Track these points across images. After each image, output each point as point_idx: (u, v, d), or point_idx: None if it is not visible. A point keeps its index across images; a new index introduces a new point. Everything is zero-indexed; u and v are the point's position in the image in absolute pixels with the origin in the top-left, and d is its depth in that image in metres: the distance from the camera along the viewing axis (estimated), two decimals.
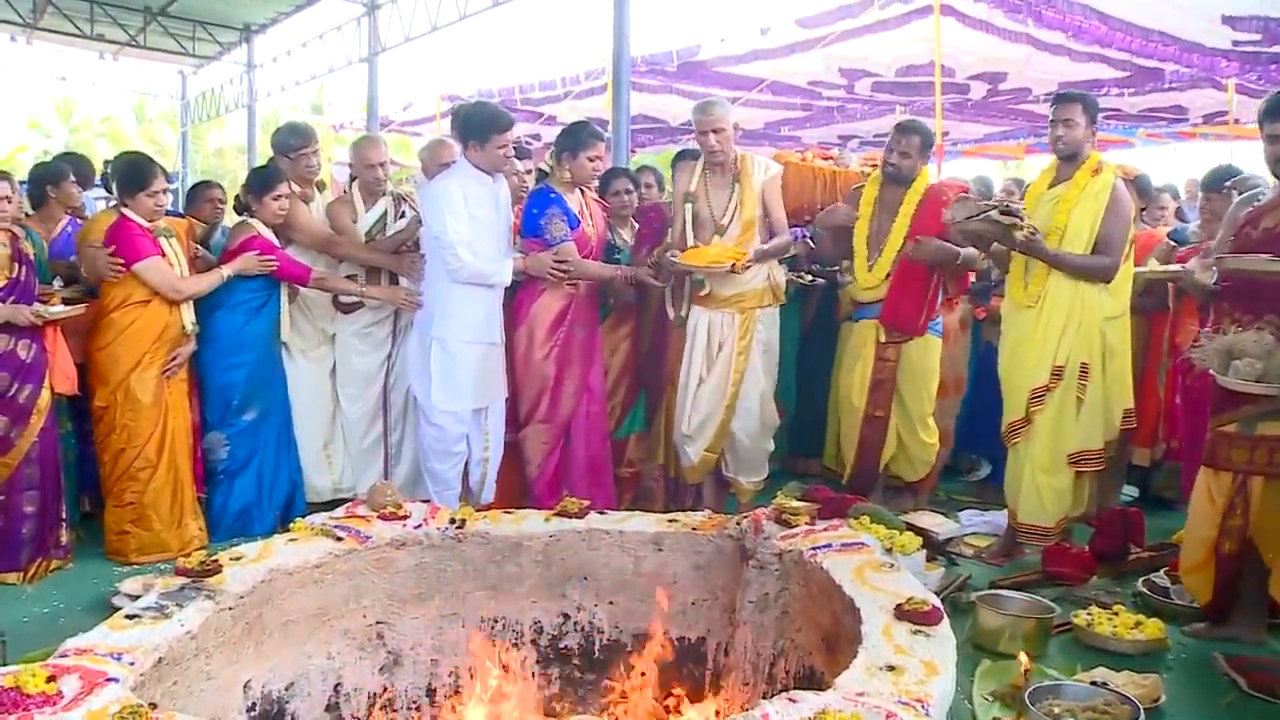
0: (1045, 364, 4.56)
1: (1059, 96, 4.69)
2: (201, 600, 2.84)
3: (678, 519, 3.80)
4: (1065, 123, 4.53)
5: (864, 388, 5.20)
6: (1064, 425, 4.59)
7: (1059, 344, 4.54)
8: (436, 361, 4.76)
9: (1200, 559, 3.89)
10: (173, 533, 4.77)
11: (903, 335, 5.13)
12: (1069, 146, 4.56)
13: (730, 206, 5.03)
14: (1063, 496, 4.66)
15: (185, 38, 16.62)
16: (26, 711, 2.09)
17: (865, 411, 5.20)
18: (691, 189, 5.08)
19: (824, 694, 2.29)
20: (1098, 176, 4.54)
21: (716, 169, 5.06)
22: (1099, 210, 4.50)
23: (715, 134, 4.94)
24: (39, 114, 31.17)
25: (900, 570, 3.13)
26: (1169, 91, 10.88)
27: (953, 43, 9.29)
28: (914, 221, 5.06)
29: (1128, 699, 3.00)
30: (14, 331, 4.40)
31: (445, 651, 3.59)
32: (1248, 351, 3.53)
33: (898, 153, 5.09)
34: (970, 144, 15.41)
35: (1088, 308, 4.53)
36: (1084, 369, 4.55)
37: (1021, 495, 4.70)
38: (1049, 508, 4.65)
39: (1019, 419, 4.66)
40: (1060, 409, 4.58)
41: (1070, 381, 4.56)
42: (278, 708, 3.14)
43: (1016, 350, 4.68)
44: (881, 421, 5.21)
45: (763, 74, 11.20)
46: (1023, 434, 4.66)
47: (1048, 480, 4.64)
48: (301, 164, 5.39)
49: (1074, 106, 4.55)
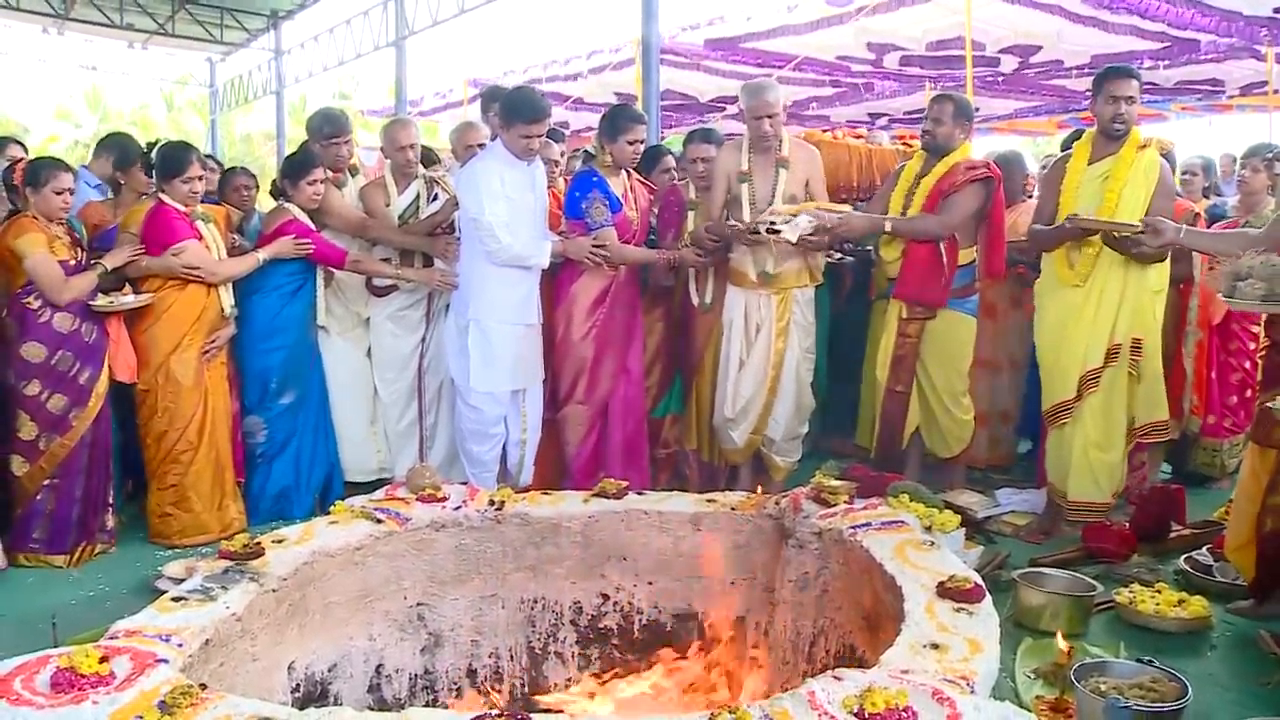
0: (1100, 344, 4.52)
1: (1113, 71, 4.62)
2: (245, 583, 2.87)
3: (716, 499, 3.80)
4: (1128, 99, 4.46)
5: (886, 363, 5.18)
6: (1118, 401, 4.56)
7: (1114, 323, 4.49)
8: (474, 343, 4.76)
9: (1244, 536, 3.85)
10: (214, 515, 4.83)
11: (924, 311, 5.08)
12: (1128, 124, 4.50)
13: (776, 189, 4.99)
14: (1115, 471, 4.63)
15: (213, 25, 16.70)
16: (82, 691, 2.13)
17: (886, 386, 5.19)
18: (745, 168, 5.04)
19: (869, 672, 2.29)
20: (1144, 152, 4.49)
21: (764, 151, 5.03)
22: (1150, 187, 4.45)
23: (769, 119, 4.91)
24: (69, 104, 31.37)
25: (941, 548, 3.12)
26: (1206, 63, 10.71)
27: (983, 15, 9.18)
28: (929, 195, 5.00)
29: (1175, 676, 2.98)
30: (80, 314, 4.48)
31: (485, 633, 3.61)
32: (1254, 273, 3.51)
33: (930, 120, 5.06)
34: (1000, 119, 15.24)
35: (1140, 284, 4.49)
36: (1136, 344, 4.52)
37: (1072, 473, 4.64)
38: (1103, 484, 4.61)
39: (1068, 399, 4.61)
40: (1113, 386, 4.54)
41: (1124, 358, 4.52)
42: (321, 689, 3.17)
43: (1063, 330, 4.62)
44: (902, 396, 5.17)
45: (790, 49, 11.11)
46: (1071, 414, 4.62)
47: (1101, 456, 4.60)
48: (331, 152, 5.40)
49: (1132, 83, 4.49)
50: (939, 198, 4.96)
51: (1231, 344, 5.56)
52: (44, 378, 4.42)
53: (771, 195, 5.00)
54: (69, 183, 4.49)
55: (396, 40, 14.53)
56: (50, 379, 4.43)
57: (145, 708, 2.08)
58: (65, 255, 4.47)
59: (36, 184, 4.40)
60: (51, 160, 4.65)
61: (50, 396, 4.43)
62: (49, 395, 4.43)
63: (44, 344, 4.41)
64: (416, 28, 14.21)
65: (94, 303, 4.51)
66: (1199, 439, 5.69)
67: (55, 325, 4.43)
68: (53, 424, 4.44)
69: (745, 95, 5.07)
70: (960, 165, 5.02)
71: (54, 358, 4.42)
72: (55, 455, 4.46)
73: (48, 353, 4.41)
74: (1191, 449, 5.73)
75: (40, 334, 4.41)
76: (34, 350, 4.41)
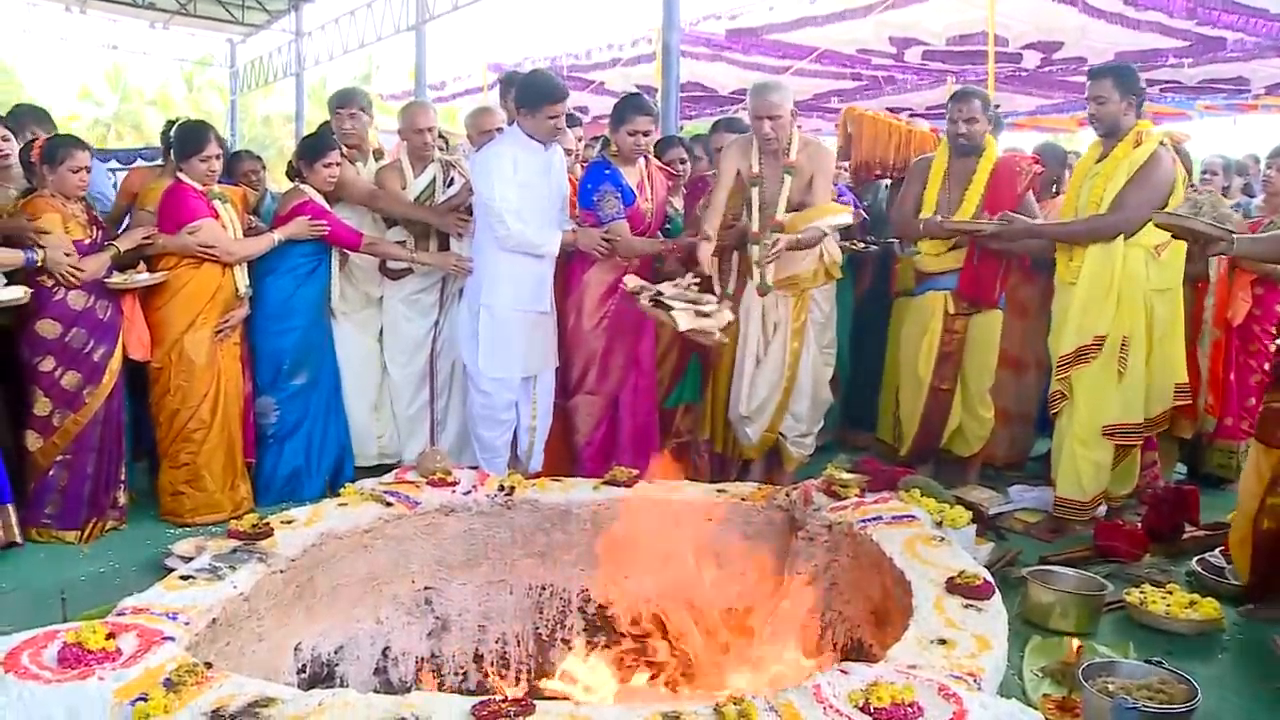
0: (1074, 334, 4.53)
1: (1091, 72, 4.67)
2: (254, 563, 2.88)
3: (727, 490, 3.80)
4: (1096, 100, 4.50)
5: (930, 360, 5.16)
6: (1103, 397, 4.54)
7: (1099, 315, 4.48)
8: (485, 328, 4.76)
9: (1242, 534, 3.84)
10: (226, 494, 4.85)
11: (976, 307, 5.09)
12: (1102, 123, 4.52)
13: (782, 193, 4.94)
14: (1100, 471, 4.60)
15: (234, 5, 16.71)
16: (88, 667, 2.14)
17: (931, 384, 5.17)
18: (755, 170, 4.99)
19: (875, 666, 2.29)
20: (1138, 148, 4.46)
21: (771, 153, 4.98)
22: (1128, 177, 4.44)
23: (770, 120, 4.82)
24: (91, 83, 31.50)
25: (951, 544, 3.11)
26: (1231, 62, 10.60)
27: (1007, 10, 9.10)
28: (988, 192, 5.00)
29: (1184, 678, 2.96)
30: (95, 292, 4.49)
31: (493, 618, 3.62)
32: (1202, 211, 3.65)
33: (963, 121, 5.01)
34: (1021, 116, 15.13)
35: (1131, 279, 4.45)
36: (1124, 341, 4.49)
37: (1060, 469, 4.68)
38: (1085, 482, 4.60)
39: (1056, 390, 4.67)
40: (1098, 381, 4.52)
41: (1111, 353, 4.49)
42: (327, 670, 3.18)
43: (1058, 325, 4.68)
44: (947, 395, 5.19)
45: (812, 41, 11.05)
46: (1064, 406, 4.63)
47: (1085, 453, 4.59)
48: (339, 123, 5.43)
49: (1104, 82, 4.50)
50: (1002, 193, 4.96)
51: (1251, 345, 5.51)
52: (58, 354, 4.43)
53: (776, 199, 4.96)
54: (86, 161, 4.50)
55: (417, 24, 14.50)
56: (64, 356, 4.44)
57: (150, 685, 2.09)
58: (80, 235, 4.48)
59: (53, 162, 4.41)
60: (69, 138, 4.66)
61: (64, 373, 4.45)
62: (63, 372, 4.45)
63: (58, 321, 4.42)
64: (437, 12, 14.18)
65: (109, 280, 4.52)
66: (1214, 440, 5.64)
67: (70, 302, 4.43)
68: (66, 400, 4.46)
69: (750, 95, 5.00)
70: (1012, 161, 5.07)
71: (68, 334, 4.43)
72: (69, 431, 4.48)
73: (62, 329, 4.43)
74: (1207, 450, 5.69)
75: (55, 311, 4.42)
76: (48, 327, 4.42)
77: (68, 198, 4.48)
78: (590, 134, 7.44)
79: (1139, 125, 4.54)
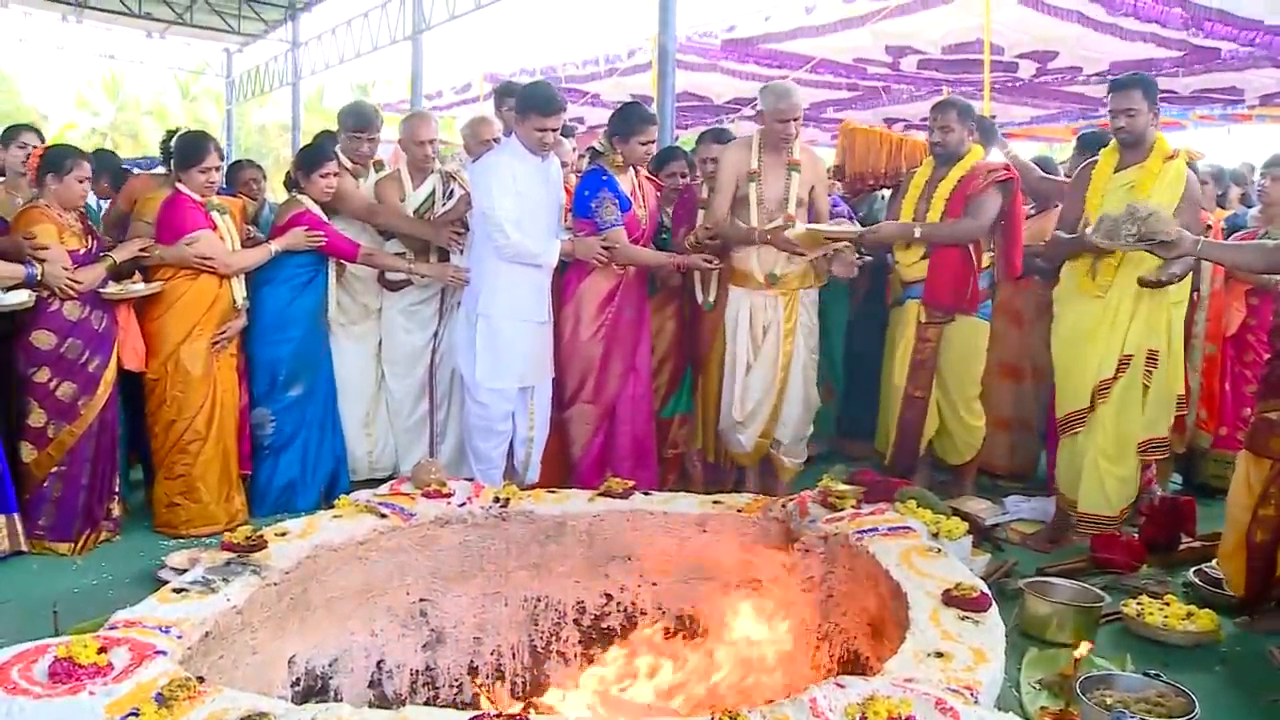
0: (1113, 354, 4.47)
1: (1116, 83, 4.57)
2: (247, 575, 2.86)
3: (722, 500, 3.78)
4: (1126, 112, 4.43)
5: (904, 368, 5.16)
6: (1130, 413, 4.50)
7: (1127, 333, 4.44)
8: (482, 338, 4.75)
9: (1232, 545, 3.83)
10: (221, 506, 4.83)
11: (946, 315, 5.08)
12: (1132, 134, 4.46)
13: (784, 192, 4.98)
14: (1126, 485, 4.57)
15: (231, 15, 16.73)
16: (79, 682, 2.12)
17: (906, 391, 5.17)
18: (753, 168, 5.02)
19: (872, 680, 2.27)
20: (1171, 163, 4.44)
21: (776, 153, 5.00)
22: (1175, 198, 4.37)
23: (795, 121, 4.92)
24: (88, 92, 31.51)
25: (947, 555, 3.10)
26: (1225, 72, 10.63)
27: (1003, 19, 9.12)
28: (951, 199, 5.01)
29: (1182, 690, 2.95)
30: (90, 302, 4.48)
31: (488, 630, 3.60)
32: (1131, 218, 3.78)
33: (938, 129, 5.06)
34: (1016, 126, 15.16)
35: (1157, 295, 4.41)
36: (1152, 355, 4.46)
37: (1084, 485, 4.60)
38: (1113, 497, 4.56)
39: (1081, 409, 4.57)
40: (1126, 397, 4.49)
41: (1137, 369, 4.47)
42: (321, 683, 3.16)
43: (1078, 340, 4.58)
44: (921, 402, 5.17)
45: (807, 51, 11.06)
46: (1084, 424, 4.58)
47: (1113, 469, 4.54)
48: (353, 145, 5.41)
49: (1133, 94, 4.44)
50: (962, 202, 4.96)
51: (1246, 355, 5.51)
52: (53, 365, 4.42)
53: (785, 196, 4.98)
54: (88, 171, 4.53)
55: (413, 34, 14.50)
56: (59, 367, 4.43)
57: (142, 700, 2.07)
58: (76, 245, 4.47)
59: (60, 171, 4.42)
60: (72, 148, 4.67)
61: (59, 384, 4.44)
62: (58, 383, 4.43)
63: (54, 332, 4.41)
64: (434, 22, 14.18)
65: (104, 290, 4.51)
66: (1209, 451, 5.64)
67: (65, 313, 4.43)
68: (61, 412, 4.45)
69: (771, 98, 4.99)
70: (980, 168, 5.01)
71: (63, 345, 4.42)
72: (63, 443, 4.46)
73: (57, 340, 4.42)
74: (1202, 461, 5.69)
75: (50, 322, 4.41)
76: (44, 338, 4.41)
77: (68, 208, 4.48)
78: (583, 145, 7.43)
79: (1160, 137, 4.53)
